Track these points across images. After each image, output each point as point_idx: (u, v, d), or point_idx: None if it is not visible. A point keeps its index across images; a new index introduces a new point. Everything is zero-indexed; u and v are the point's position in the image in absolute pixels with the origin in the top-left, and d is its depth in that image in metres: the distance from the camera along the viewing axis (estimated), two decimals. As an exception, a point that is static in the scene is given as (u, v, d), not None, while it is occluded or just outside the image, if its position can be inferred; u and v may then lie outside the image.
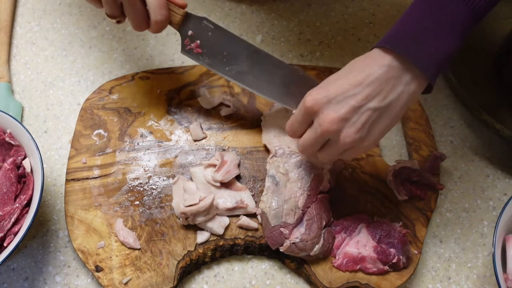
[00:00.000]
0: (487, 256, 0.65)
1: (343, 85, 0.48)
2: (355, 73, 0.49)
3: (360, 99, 0.48)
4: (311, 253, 0.58)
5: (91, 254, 0.59)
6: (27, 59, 0.78)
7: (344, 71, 0.50)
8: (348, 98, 0.48)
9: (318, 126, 0.49)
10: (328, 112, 0.48)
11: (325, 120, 0.48)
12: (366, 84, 0.47)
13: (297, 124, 0.53)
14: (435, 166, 0.66)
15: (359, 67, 0.49)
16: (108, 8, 0.57)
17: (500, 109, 0.73)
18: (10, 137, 0.61)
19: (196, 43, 0.60)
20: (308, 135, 0.52)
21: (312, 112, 0.50)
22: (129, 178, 0.64)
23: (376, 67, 0.48)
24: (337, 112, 0.48)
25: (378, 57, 0.48)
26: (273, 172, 0.61)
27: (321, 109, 0.49)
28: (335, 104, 0.48)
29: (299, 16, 0.84)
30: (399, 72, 0.47)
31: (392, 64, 0.47)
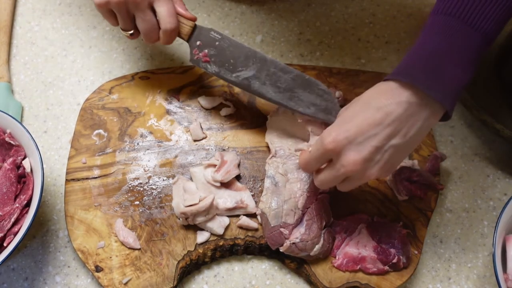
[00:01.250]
0: (487, 256, 0.65)
1: (362, 125, 0.47)
2: (372, 111, 0.47)
3: (381, 139, 0.47)
4: (311, 253, 0.58)
5: (91, 254, 0.59)
6: (27, 59, 0.78)
7: (359, 107, 0.49)
8: (369, 139, 0.47)
9: (341, 167, 0.49)
10: (351, 154, 0.47)
11: (349, 163, 0.48)
12: (387, 124, 0.47)
13: (314, 162, 0.52)
14: (435, 166, 0.66)
15: (376, 103, 0.47)
16: (122, 22, 0.60)
17: (500, 109, 0.73)
18: (10, 137, 0.61)
19: (204, 53, 0.62)
20: (329, 174, 0.51)
21: (332, 153, 0.49)
22: (129, 178, 0.64)
23: (394, 105, 0.47)
24: (360, 153, 0.47)
25: (395, 93, 0.47)
26: (272, 173, 0.61)
27: (343, 150, 0.48)
28: (357, 145, 0.47)
29: (299, 16, 0.84)
30: (419, 108, 0.47)
31: (411, 100, 0.47)
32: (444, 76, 0.46)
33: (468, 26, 0.47)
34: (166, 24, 0.59)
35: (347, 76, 0.73)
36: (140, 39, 0.80)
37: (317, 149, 0.51)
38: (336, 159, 0.49)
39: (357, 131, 0.47)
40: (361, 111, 0.48)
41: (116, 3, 0.57)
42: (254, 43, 0.80)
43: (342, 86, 0.72)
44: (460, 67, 0.47)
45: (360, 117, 0.48)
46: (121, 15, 0.59)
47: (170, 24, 0.59)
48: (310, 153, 0.52)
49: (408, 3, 0.86)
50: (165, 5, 0.58)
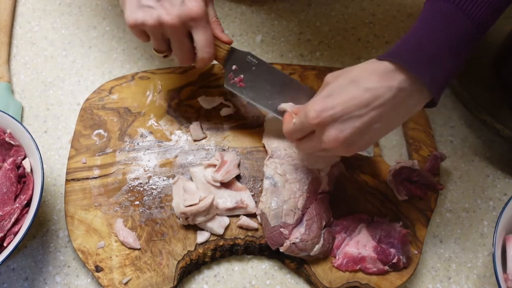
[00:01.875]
0: (487, 256, 0.65)
1: (349, 104, 0.47)
2: (361, 90, 0.47)
3: (365, 121, 0.47)
4: (311, 253, 0.58)
5: (91, 254, 0.59)
6: (27, 59, 0.78)
7: (347, 82, 0.48)
8: (353, 119, 0.47)
9: (322, 142, 0.49)
10: (333, 132, 0.48)
11: (330, 140, 0.48)
12: (373, 106, 0.46)
13: (297, 133, 0.53)
14: (435, 166, 0.66)
15: (366, 84, 0.47)
16: (156, 44, 0.57)
17: (500, 109, 0.73)
18: (10, 137, 0.61)
19: (239, 78, 0.61)
20: (309, 144, 0.53)
21: (315, 126, 0.49)
22: (129, 178, 0.64)
23: (385, 88, 0.46)
24: (342, 132, 0.47)
25: (387, 76, 0.46)
26: (271, 174, 0.61)
27: (326, 126, 0.48)
28: (340, 123, 0.47)
29: (299, 16, 0.84)
30: (408, 94, 0.47)
31: (402, 86, 0.46)
32: (436, 63, 0.46)
33: (464, 14, 0.46)
34: (203, 53, 0.56)
35: (347, 76, 0.73)
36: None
37: (301, 122, 0.51)
38: (318, 132, 0.50)
39: (343, 109, 0.47)
40: (349, 88, 0.47)
41: (152, 27, 0.53)
42: (254, 43, 0.80)
43: (342, 86, 0.72)
44: (455, 57, 0.47)
45: (348, 95, 0.47)
46: (155, 39, 0.56)
47: (207, 54, 0.57)
48: (294, 125, 0.53)
49: (408, 3, 0.86)
50: (204, 34, 0.55)
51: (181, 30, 0.54)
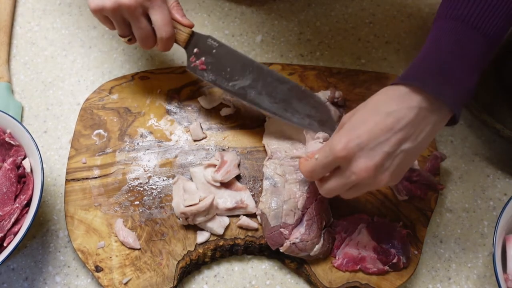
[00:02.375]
0: (487, 256, 0.65)
1: (373, 130, 0.46)
2: (382, 116, 0.47)
3: (393, 144, 0.46)
4: (311, 253, 0.58)
5: (91, 254, 0.59)
6: (27, 59, 0.78)
7: (367, 112, 0.48)
8: (381, 145, 0.46)
9: (352, 174, 0.47)
10: (362, 161, 0.47)
11: (361, 169, 0.47)
12: (398, 129, 0.46)
13: (320, 170, 0.50)
14: (435, 166, 0.66)
15: (386, 108, 0.47)
16: (119, 28, 0.60)
17: (500, 109, 0.73)
18: (10, 137, 0.61)
19: (201, 60, 0.62)
20: (338, 181, 0.50)
21: (342, 161, 0.48)
22: (129, 178, 0.64)
23: (405, 109, 0.46)
24: (372, 160, 0.46)
25: (405, 98, 0.47)
26: (271, 174, 0.61)
27: (354, 157, 0.47)
28: (368, 151, 0.46)
29: (299, 16, 0.84)
30: (429, 113, 0.47)
31: (422, 105, 0.46)
32: (452, 80, 0.46)
33: (475, 30, 0.46)
34: (161, 32, 0.59)
35: (347, 76, 0.73)
36: (140, 39, 0.80)
37: (325, 156, 0.49)
38: (346, 166, 0.48)
39: (369, 137, 0.46)
40: (370, 117, 0.47)
41: (111, 10, 0.57)
42: (254, 43, 0.80)
43: (342, 86, 0.72)
44: (469, 74, 0.47)
45: (371, 123, 0.47)
46: (116, 22, 0.59)
47: (165, 33, 0.59)
48: (317, 161, 0.50)
49: (408, 3, 0.86)
50: (160, 13, 0.58)
51: (138, 10, 0.57)
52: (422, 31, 0.83)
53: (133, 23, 0.58)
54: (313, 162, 0.51)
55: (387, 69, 0.79)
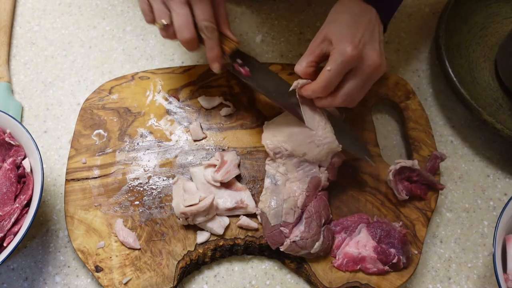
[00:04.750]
0: (487, 256, 0.65)
1: (361, 29, 0.55)
2: (356, 17, 0.56)
3: (377, 35, 0.56)
4: (311, 251, 0.58)
5: (91, 254, 0.59)
6: (27, 59, 0.78)
7: (345, 19, 0.56)
8: (372, 37, 0.55)
9: (367, 68, 0.54)
10: (371, 53, 0.54)
11: (374, 60, 0.54)
12: (372, 24, 0.56)
13: (336, 78, 0.54)
14: (435, 166, 0.66)
15: (355, 15, 0.57)
16: (157, 8, 0.58)
17: (500, 109, 0.73)
18: (10, 137, 0.61)
19: (245, 69, 0.62)
20: (355, 81, 0.55)
21: (355, 60, 0.53)
22: (129, 178, 0.64)
23: (367, 13, 0.57)
24: (376, 49, 0.55)
25: (360, 5, 0.58)
26: (273, 172, 0.61)
27: (363, 53, 0.54)
28: (369, 45, 0.54)
29: (299, 16, 0.84)
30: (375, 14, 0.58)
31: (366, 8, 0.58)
32: None
33: None
34: (201, 24, 0.57)
35: (347, 76, 0.73)
36: (141, 39, 0.80)
37: (340, 61, 0.53)
38: (359, 64, 0.54)
39: (362, 34, 0.54)
40: (350, 21, 0.56)
41: None
42: (254, 43, 0.80)
43: (342, 86, 0.72)
44: None
45: (355, 25, 0.55)
46: (155, 2, 0.57)
47: (205, 25, 0.57)
48: (331, 71, 0.54)
49: (408, 3, 0.86)
50: (202, 7, 0.57)
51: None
52: (422, 31, 0.83)
53: (172, 8, 0.57)
54: (327, 73, 0.54)
55: (387, 69, 0.78)
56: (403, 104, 0.72)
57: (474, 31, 0.80)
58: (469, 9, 0.79)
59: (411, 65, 0.80)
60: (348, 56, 0.53)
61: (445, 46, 0.73)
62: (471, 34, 0.79)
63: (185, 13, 0.57)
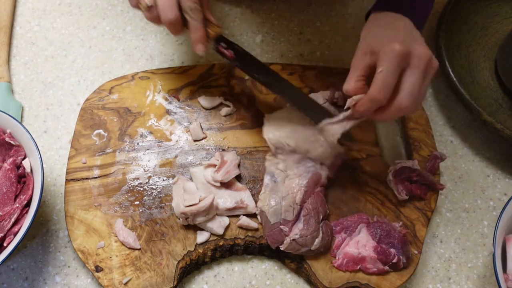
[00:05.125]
0: (487, 256, 0.65)
1: (400, 28, 0.55)
2: (393, 24, 0.57)
3: (419, 34, 0.56)
4: (311, 248, 0.58)
5: (91, 254, 0.59)
6: (27, 59, 0.78)
7: (382, 25, 0.57)
8: (412, 33, 0.55)
9: (419, 61, 0.52)
10: (418, 47, 0.52)
11: (423, 51, 0.52)
12: (409, 26, 0.57)
13: (391, 79, 0.51)
14: (435, 166, 0.66)
15: (392, 20, 0.58)
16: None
17: (500, 109, 0.73)
18: (10, 137, 0.61)
19: (229, 51, 0.61)
20: (414, 77, 0.52)
21: (405, 56, 0.51)
22: (129, 178, 0.64)
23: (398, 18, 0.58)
24: (422, 43, 0.54)
25: (395, 17, 0.58)
26: (272, 169, 0.61)
27: (411, 49, 0.52)
28: (414, 40, 0.54)
29: (299, 16, 0.84)
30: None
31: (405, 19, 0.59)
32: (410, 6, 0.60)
33: None
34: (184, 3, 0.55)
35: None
36: (141, 39, 0.80)
37: (391, 58, 0.51)
38: (410, 60, 0.52)
39: (403, 34, 0.54)
40: (387, 28, 0.56)
41: None
42: (254, 43, 0.80)
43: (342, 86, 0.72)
44: None
45: (392, 29, 0.55)
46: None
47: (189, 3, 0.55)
48: (384, 71, 0.51)
49: (408, 3, 0.86)
50: None
51: None
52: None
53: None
54: (380, 75, 0.51)
55: (387, 69, 0.78)
56: (403, 104, 0.72)
57: (474, 31, 0.80)
58: (469, 9, 0.79)
59: (411, 65, 0.80)
60: (397, 52, 0.50)
61: (445, 46, 0.73)
62: (471, 34, 0.79)
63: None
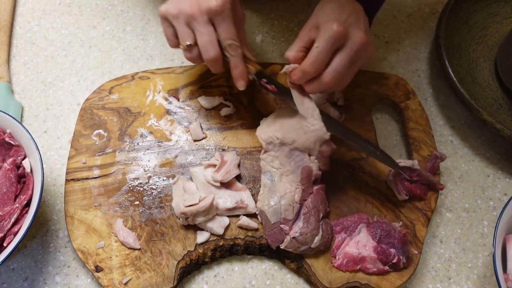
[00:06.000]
0: (487, 256, 0.65)
1: (345, 11, 0.56)
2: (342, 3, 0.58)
3: (362, 15, 0.58)
4: (312, 245, 0.58)
5: (91, 254, 0.59)
6: (27, 59, 0.78)
7: (330, 7, 0.57)
8: (357, 17, 0.56)
9: (353, 44, 0.54)
10: (357, 31, 0.54)
11: (360, 36, 0.54)
12: (357, 11, 0.58)
13: (324, 55, 0.54)
14: (435, 166, 0.66)
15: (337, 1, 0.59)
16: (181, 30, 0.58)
17: (500, 109, 0.73)
18: (10, 137, 0.61)
19: (271, 86, 0.61)
20: (342, 58, 0.55)
21: (341, 37, 0.54)
22: (129, 178, 0.64)
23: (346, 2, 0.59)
24: (361, 28, 0.55)
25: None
26: (268, 168, 0.61)
27: (349, 31, 0.54)
28: (354, 24, 0.55)
29: (299, 16, 0.84)
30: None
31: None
32: None
33: None
34: (224, 43, 0.57)
35: (347, 76, 0.73)
36: (141, 39, 0.80)
37: (327, 37, 0.54)
38: (345, 42, 0.54)
39: (347, 16, 0.56)
40: (336, 7, 0.57)
41: (173, 15, 0.57)
42: (254, 43, 0.80)
43: (342, 86, 0.72)
44: None
45: (340, 10, 0.56)
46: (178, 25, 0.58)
47: (229, 41, 0.57)
48: (319, 48, 0.54)
49: (408, 3, 0.86)
50: (224, 26, 0.57)
51: (201, 18, 0.56)
52: (422, 31, 0.83)
53: (196, 29, 0.57)
54: (314, 50, 0.54)
55: (387, 69, 0.79)
56: (403, 104, 0.72)
57: (474, 31, 0.80)
58: (469, 9, 0.79)
59: (411, 65, 0.80)
60: (334, 32, 0.53)
61: (445, 46, 0.73)
62: (471, 34, 0.79)
63: (210, 32, 0.57)
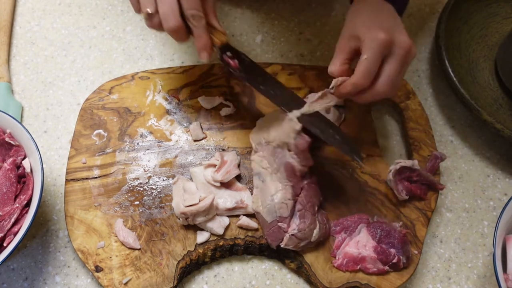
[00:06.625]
0: (487, 256, 0.65)
1: (384, 18, 0.57)
2: (377, 12, 0.58)
3: (401, 22, 0.58)
4: (311, 240, 0.58)
5: (91, 254, 0.59)
6: (27, 59, 0.78)
7: (365, 13, 0.58)
8: (395, 23, 0.57)
9: (400, 49, 0.54)
10: (401, 36, 0.55)
11: (405, 41, 0.54)
12: (392, 13, 0.59)
13: (374, 65, 0.54)
14: (435, 166, 0.66)
15: (376, 8, 0.60)
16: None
17: (500, 109, 0.73)
18: (10, 137, 0.61)
19: (234, 62, 0.60)
20: (393, 65, 0.55)
21: (388, 44, 0.54)
22: (129, 178, 0.64)
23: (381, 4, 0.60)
24: (404, 33, 0.56)
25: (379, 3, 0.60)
26: (258, 169, 0.61)
27: (394, 38, 0.54)
28: (397, 30, 0.55)
29: (299, 16, 0.84)
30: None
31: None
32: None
33: None
34: (186, 11, 0.54)
35: (347, 76, 0.73)
36: (141, 39, 0.80)
37: (375, 46, 0.54)
38: (392, 49, 0.55)
39: (387, 22, 0.56)
40: (372, 15, 0.58)
41: None
42: (254, 43, 0.80)
43: (342, 86, 0.72)
44: None
45: (377, 16, 0.57)
46: None
47: (190, 11, 0.54)
48: (368, 58, 0.54)
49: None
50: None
51: None
52: (422, 31, 0.83)
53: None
54: (364, 62, 0.54)
55: (387, 69, 0.78)
56: (403, 104, 0.72)
57: (474, 31, 0.80)
58: (469, 9, 0.79)
59: (411, 65, 0.80)
60: (381, 40, 0.53)
61: (445, 46, 0.73)
62: (471, 34, 0.79)
63: (171, 1, 0.54)
